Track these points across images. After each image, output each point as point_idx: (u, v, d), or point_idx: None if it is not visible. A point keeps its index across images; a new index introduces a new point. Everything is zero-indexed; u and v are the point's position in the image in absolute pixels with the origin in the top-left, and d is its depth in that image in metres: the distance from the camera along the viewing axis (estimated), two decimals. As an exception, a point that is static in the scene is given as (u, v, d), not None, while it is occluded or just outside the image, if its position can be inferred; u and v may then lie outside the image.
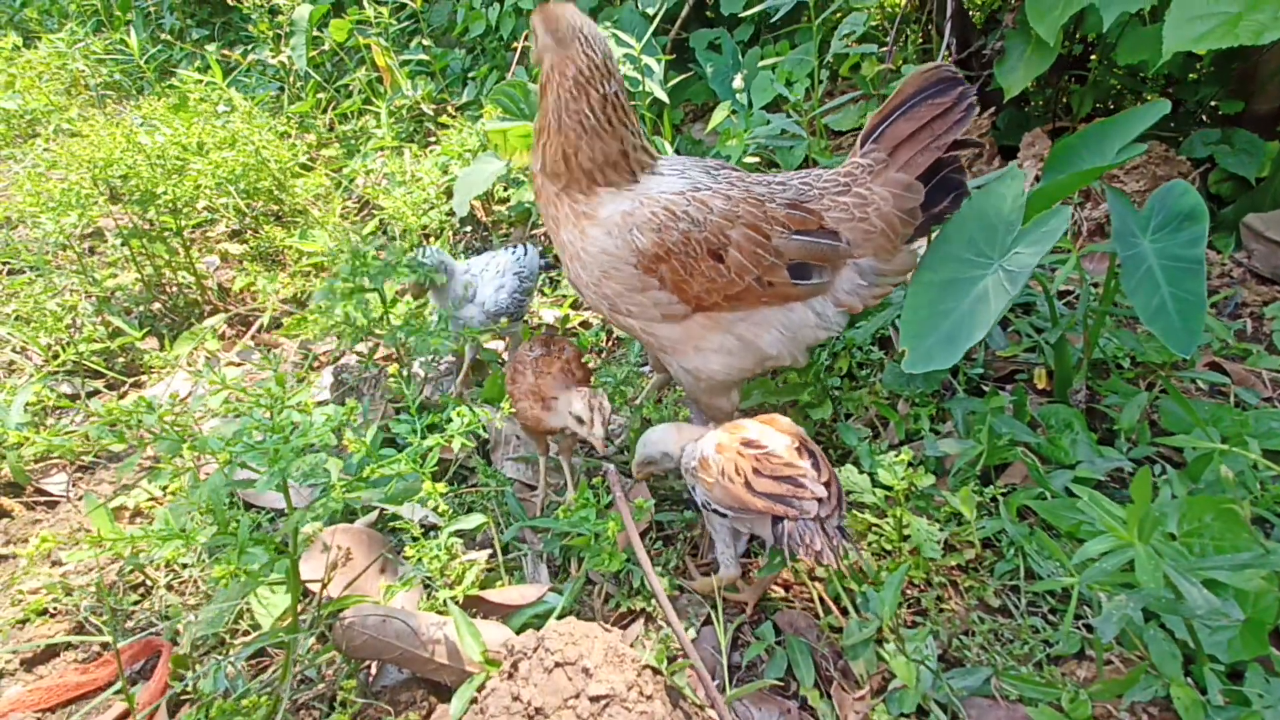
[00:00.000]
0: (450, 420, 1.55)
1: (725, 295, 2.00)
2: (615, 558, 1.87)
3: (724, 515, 1.80)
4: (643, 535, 2.16)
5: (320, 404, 1.45)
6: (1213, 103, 3.14)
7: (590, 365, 2.46)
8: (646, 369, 2.85)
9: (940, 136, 2.01)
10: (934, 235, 2.18)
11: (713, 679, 1.73)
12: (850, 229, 2.04)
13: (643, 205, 1.97)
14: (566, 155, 1.97)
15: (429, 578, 1.99)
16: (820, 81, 3.36)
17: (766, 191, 2.04)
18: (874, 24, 3.59)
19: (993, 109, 3.41)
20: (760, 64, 3.62)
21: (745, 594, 1.98)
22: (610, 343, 3.11)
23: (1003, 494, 2.07)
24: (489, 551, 2.13)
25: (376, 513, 2.27)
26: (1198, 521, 1.74)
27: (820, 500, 1.65)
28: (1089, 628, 1.82)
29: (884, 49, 3.39)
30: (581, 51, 1.91)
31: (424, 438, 1.51)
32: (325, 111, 4.91)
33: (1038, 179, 3.02)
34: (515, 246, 2.83)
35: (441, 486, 1.60)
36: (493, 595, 1.97)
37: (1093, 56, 3.38)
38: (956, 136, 2.02)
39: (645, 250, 1.96)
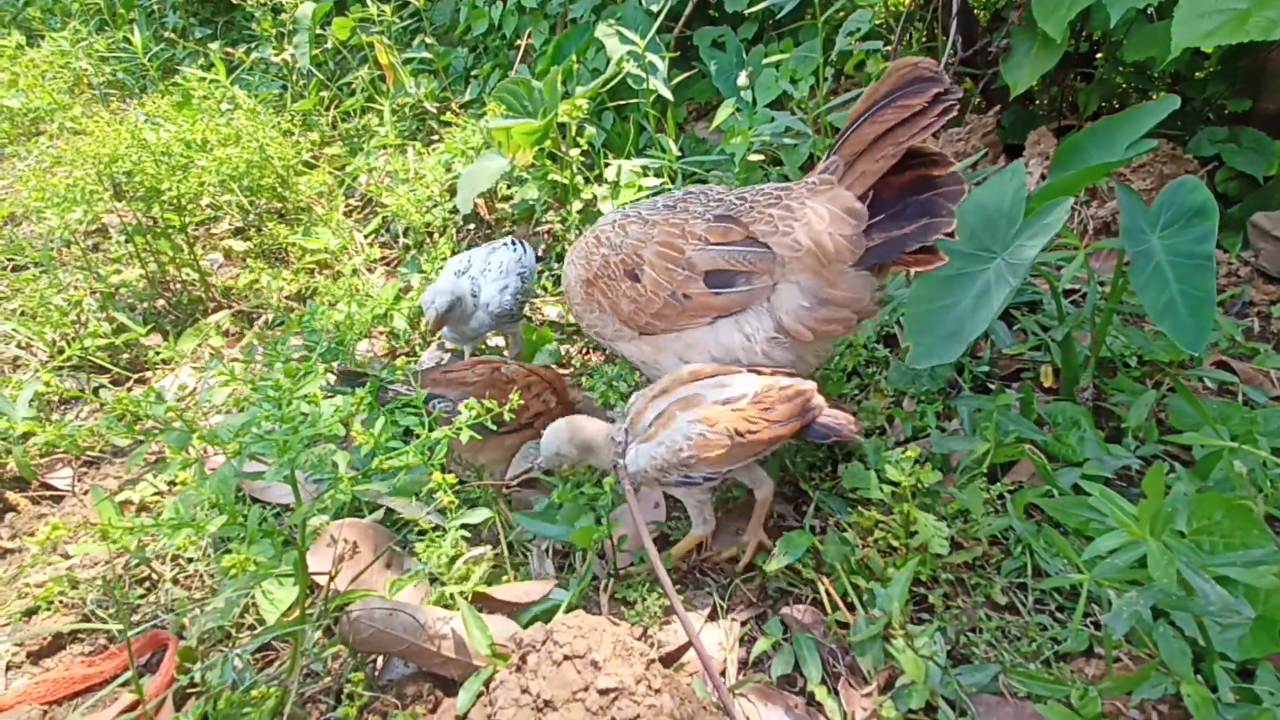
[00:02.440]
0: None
1: (650, 314, 2.05)
2: (610, 525, 1.86)
3: (711, 479, 1.89)
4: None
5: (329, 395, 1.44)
6: (1220, 101, 3.13)
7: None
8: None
9: (900, 144, 1.76)
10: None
11: (720, 674, 1.73)
12: (776, 243, 1.92)
13: (584, 237, 2.23)
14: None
15: (434, 573, 1.98)
16: (825, 79, 3.35)
17: (701, 209, 2.04)
18: (879, 21, 3.58)
19: (998, 107, 3.40)
20: (764, 61, 3.61)
21: (746, 548, 2.04)
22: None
23: (1010, 491, 2.07)
24: (494, 548, 2.13)
25: (382, 510, 2.27)
26: (1207, 519, 1.73)
27: (818, 393, 1.87)
28: (1097, 625, 1.82)
29: (889, 46, 3.38)
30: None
31: (432, 430, 1.50)
32: (328, 109, 4.91)
33: (1043, 177, 3.01)
34: (514, 244, 2.81)
35: (451, 478, 1.60)
36: (498, 592, 1.97)
37: (1099, 54, 3.37)
38: (915, 143, 1.75)
39: (581, 276, 2.20)
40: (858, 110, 1.82)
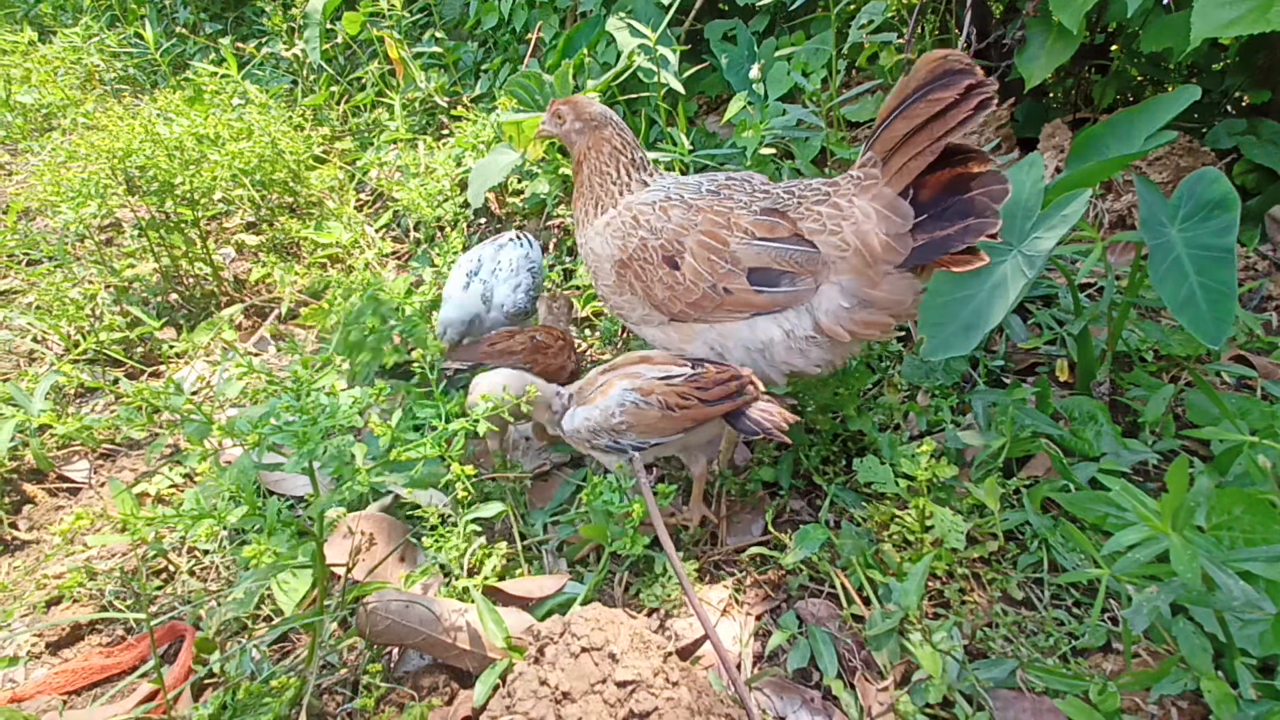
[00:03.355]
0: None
1: (686, 303, 2.01)
2: (637, 541, 1.86)
3: (658, 444, 1.97)
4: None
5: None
6: (1238, 93, 3.10)
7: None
8: None
9: (938, 140, 1.70)
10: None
11: (735, 667, 1.73)
12: (823, 242, 1.87)
13: (618, 215, 2.15)
14: (600, 201, 2.21)
15: (447, 567, 1.99)
16: (837, 72, 3.33)
17: (746, 199, 2.00)
18: (892, 13, 3.56)
19: (1012, 100, 3.38)
20: (776, 54, 3.59)
21: (690, 520, 2.15)
22: (624, 335, 3.10)
23: (1026, 486, 2.06)
24: (508, 544, 2.13)
25: (392, 497, 2.27)
26: (1227, 514, 1.72)
27: (752, 382, 1.92)
28: (1114, 620, 1.81)
29: (902, 38, 3.36)
30: (615, 132, 2.19)
31: (448, 422, 1.50)
32: (339, 104, 4.92)
33: (1058, 170, 2.99)
34: (520, 239, 2.79)
35: (470, 469, 1.60)
36: (511, 586, 1.97)
37: (1115, 46, 3.34)
38: (955, 140, 1.69)
39: (613, 255, 2.13)
40: (889, 105, 1.77)
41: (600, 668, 1.37)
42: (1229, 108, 3.17)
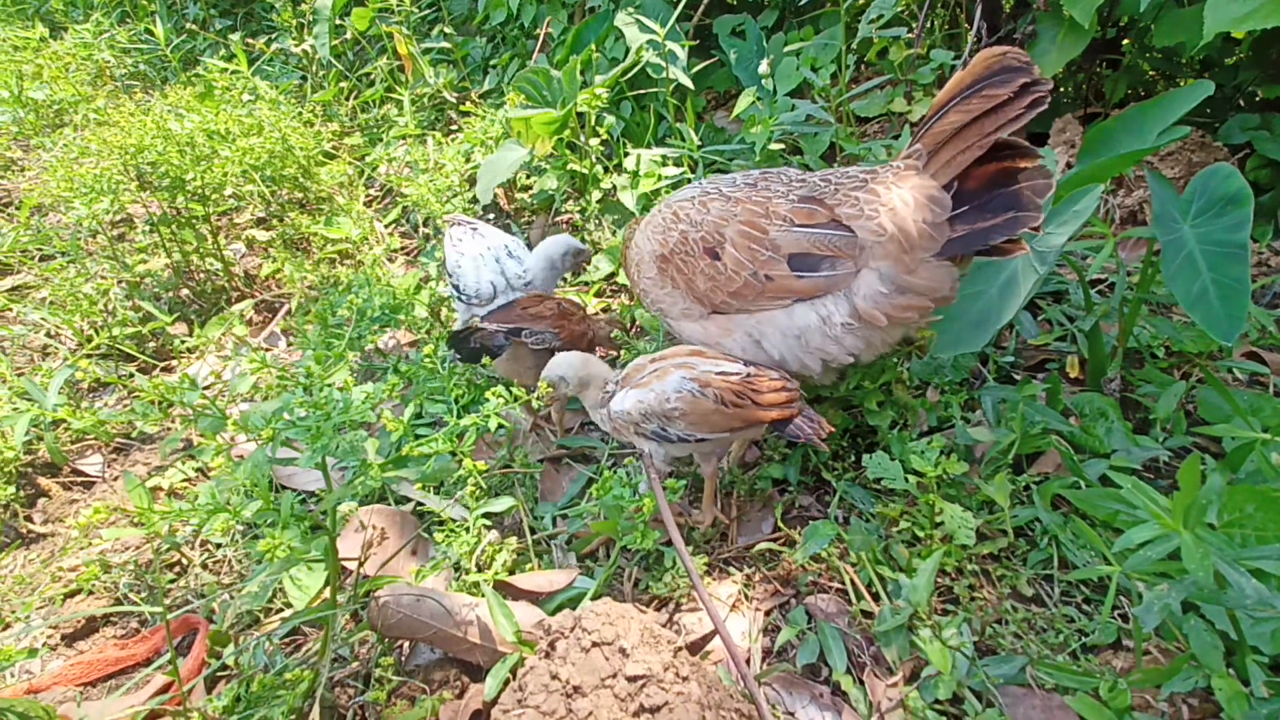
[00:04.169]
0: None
1: (728, 292, 2.02)
2: (648, 536, 1.87)
3: (702, 440, 1.98)
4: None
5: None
6: (1252, 88, 3.07)
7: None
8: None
9: (988, 135, 1.73)
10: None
11: (745, 663, 1.73)
12: (860, 227, 1.89)
13: (659, 211, 2.21)
14: None
15: (458, 562, 2.00)
16: (847, 67, 3.32)
17: (784, 189, 2.01)
18: (902, 8, 3.54)
19: (1023, 95, 3.36)
20: (785, 49, 3.58)
21: (703, 521, 2.16)
22: (634, 329, 3.11)
23: (1036, 483, 2.05)
24: (518, 538, 2.14)
25: (413, 505, 2.30)
26: (1239, 511, 1.72)
27: (802, 395, 1.98)
28: (1124, 617, 1.80)
29: (912, 33, 3.35)
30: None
31: (460, 417, 1.51)
32: (348, 100, 4.93)
33: (1069, 165, 2.98)
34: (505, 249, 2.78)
35: (482, 465, 1.61)
36: (521, 581, 1.98)
37: (1126, 40, 3.32)
38: (1004, 136, 1.72)
39: (655, 251, 2.17)
40: (942, 99, 1.79)
41: (611, 662, 1.38)
42: (1242, 102, 3.14)
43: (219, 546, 2.28)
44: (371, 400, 1.35)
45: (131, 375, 2.99)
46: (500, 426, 1.63)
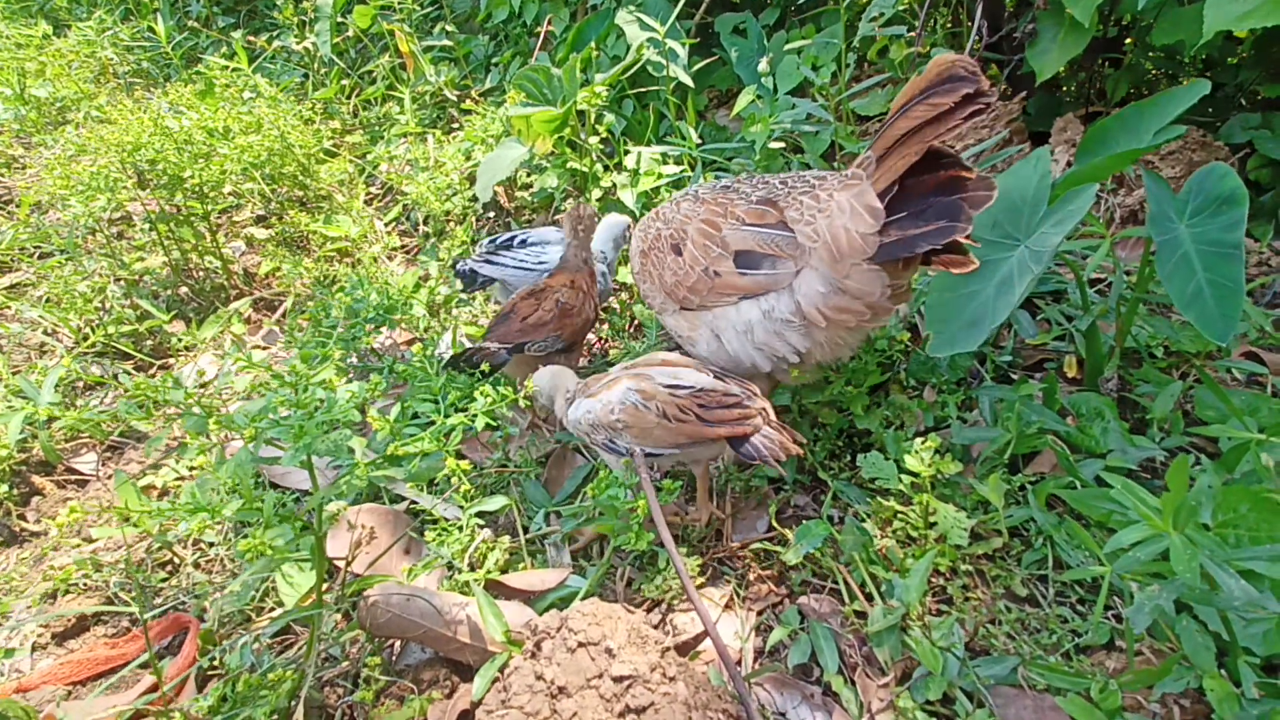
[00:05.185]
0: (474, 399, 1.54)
1: (687, 288, 2.11)
2: (642, 537, 1.86)
3: (660, 454, 1.96)
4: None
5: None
6: (1253, 86, 3.05)
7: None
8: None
9: (925, 143, 1.71)
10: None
11: (736, 663, 1.72)
12: (800, 230, 1.93)
13: (650, 216, 2.34)
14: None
15: (451, 561, 1.99)
16: (847, 65, 3.31)
17: (749, 191, 2.08)
18: (903, 6, 3.52)
19: (1024, 93, 3.34)
20: (786, 48, 3.57)
21: (700, 519, 2.14)
22: (631, 327, 3.11)
23: (1031, 483, 2.04)
24: (512, 537, 2.14)
25: (406, 504, 2.29)
26: (1233, 512, 1.70)
27: (763, 411, 1.92)
28: (1118, 618, 1.79)
29: (913, 32, 3.33)
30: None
31: (448, 416, 1.51)
32: (349, 98, 4.93)
33: (1069, 164, 2.96)
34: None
35: (466, 464, 1.60)
36: (513, 580, 1.98)
37: (1128, 39, 3.30)
38: (936, 144, 1.70)
39: (639, 248, 2.32)
40: (896, 104, 1.78)
41: (597, 662, 1.37)
42: (1244, 102, 3.12)
43: (211, 545, 2.28)
44: (356, 399, 1.35)
45: (116, 375, 2.99)
46: (493, 428, 1.63)
